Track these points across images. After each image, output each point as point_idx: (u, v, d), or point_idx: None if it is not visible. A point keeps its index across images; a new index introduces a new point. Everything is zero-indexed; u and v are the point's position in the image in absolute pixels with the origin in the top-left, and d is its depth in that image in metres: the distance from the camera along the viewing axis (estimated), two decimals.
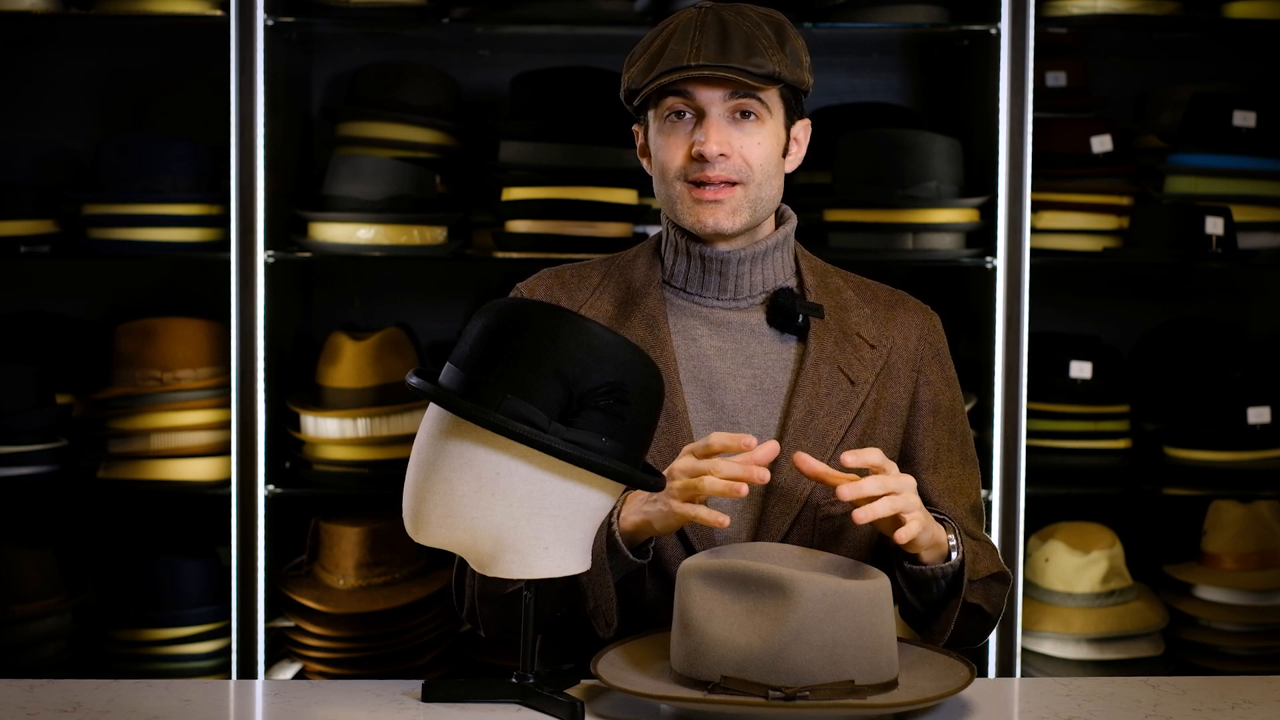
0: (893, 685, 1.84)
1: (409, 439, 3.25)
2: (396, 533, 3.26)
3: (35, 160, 3.45)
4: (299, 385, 3.50)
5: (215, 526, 3.42)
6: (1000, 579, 2.18)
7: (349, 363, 3.34)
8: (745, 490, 1.94)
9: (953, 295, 3.53)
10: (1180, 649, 3.45)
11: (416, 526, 1.88)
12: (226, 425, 3.34)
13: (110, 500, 3.61)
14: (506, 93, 3.48)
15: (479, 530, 1.84)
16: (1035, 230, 3.41)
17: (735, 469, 1.94)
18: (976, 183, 3.40)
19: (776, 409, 2.16)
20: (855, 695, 1.79)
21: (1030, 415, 3.34)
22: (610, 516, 2.03)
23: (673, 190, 2.17)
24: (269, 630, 3.35)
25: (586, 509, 1.86)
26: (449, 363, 1.86)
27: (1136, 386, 3.59)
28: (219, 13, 3.29)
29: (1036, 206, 3.41)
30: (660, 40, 2.15)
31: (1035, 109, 3.30)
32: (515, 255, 3.33)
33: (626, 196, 3.35)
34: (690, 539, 2.11)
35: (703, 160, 2.13)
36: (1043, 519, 3.50)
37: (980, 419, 3.34)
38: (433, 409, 1.87)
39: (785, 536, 2.12)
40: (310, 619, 3.31)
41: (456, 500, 1.83)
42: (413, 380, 1.87)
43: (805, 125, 2.24)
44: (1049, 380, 3.46)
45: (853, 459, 1.96)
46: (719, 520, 1.94)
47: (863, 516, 1.93)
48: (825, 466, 1.98)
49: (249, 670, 3.31)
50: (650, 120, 2.20)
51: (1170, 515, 3.65)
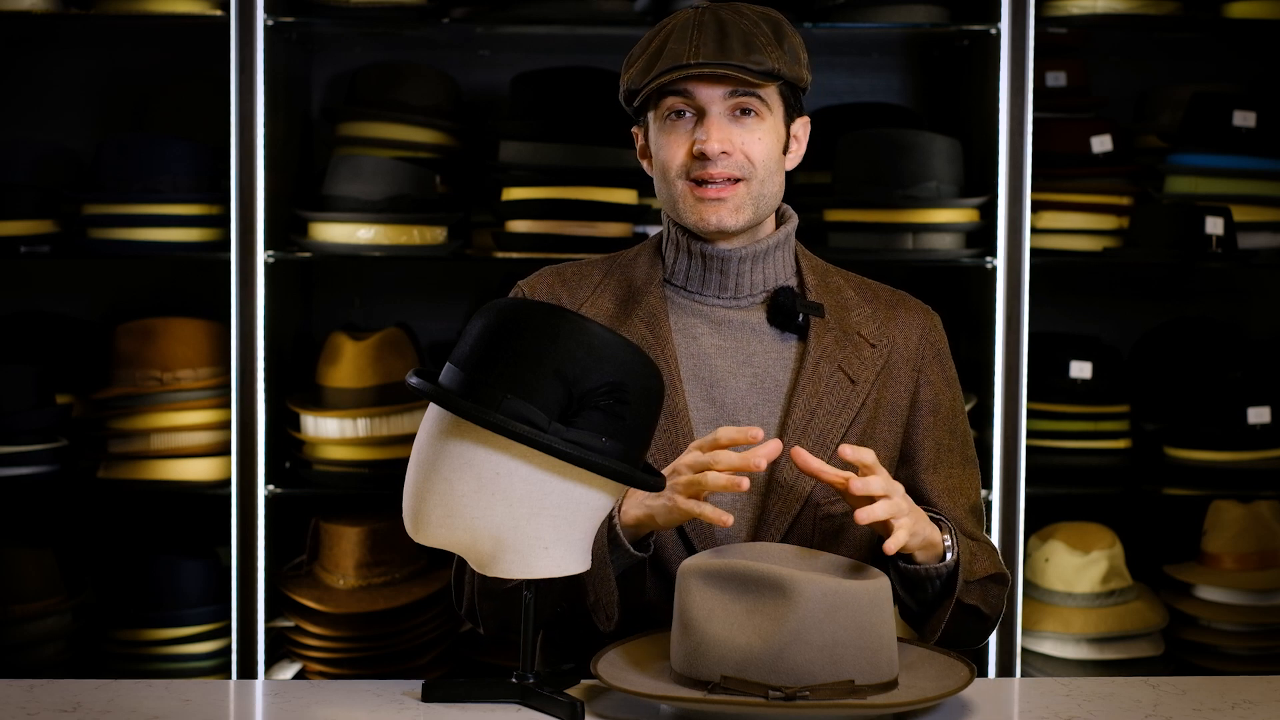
0: (893, 685, 1.84)
1: (409, 439, 3.25)
2: (396, 533, 3.26)
3: (35, 160, 3.45)
4: (299, 385, 3.50)
5: (215, 526, 3.42)
6: (998, 580, 2.18)
7: (349, 363, 3.34)
8: (747, 484, 1.94)
9: (953, 295, 3.53)
10: (1180, 649, 3.45)
11: (416, 526, 1.88)
12: (226, 425, 3.34)
13: (110, 500, 3.61)
14: (506, 93, 3.48)
15: (479, 530, 1.84)
16: (1035, 230, 3.41)
17: (734, 459, 1.95)
18: (976, 183, 3.40)
19: (777, 408, 2.16)
20: (855, 695, 1.79)
21: (1030, 415, 3.34)
22: (611, 510, 2.03)
23: (674, 189, 2.17)
24: (269, 630, 3.35)
25: (586, 509, 1.86)
26: (449, 363, 1.86)
27: (1136, 386, 3.59)
28: (219, 13, 3.29)
29: (1036, 206, 3.41)
30: (659, 41, 2.15)
31: (1035, 109, 3.30)
32: (515, 255, 3.33)
33: (626, 196, 3.35)
34: (690, 538, 2.12)
35: (704, 158, 2.13)
36: (1043, 519, 3.50)
37: (980, 419, 3.34)
38: (433, 409, 1.87)
39: (785, 535, 2.12)
40: (310, 619, 3.31)
41: (456, 500, 1.83)
42: (413, 380, 1.87)
43: (804, 123, 2.24)
44: (1049, 380, 3.46)
45: (850, 453, 1.97)
46: (723, 520, 1.95)
47: (864, 517, 1.93)
48: (821, 463, 1.98)
49: (249, 670, 3.31)
50: (650, 121, 2.20)
51: (1170, 515, 3.65)
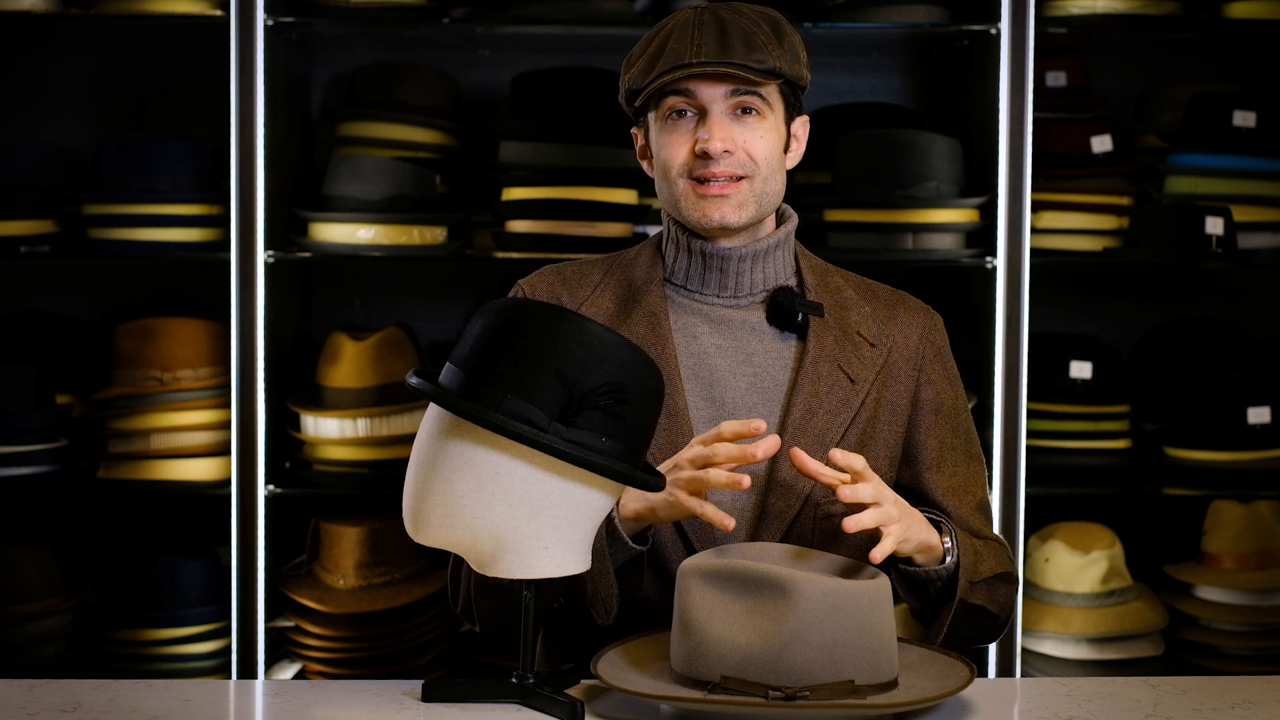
0: (893, 685, 1.84)
1: (409, 439, 3.25)
2: (396, 533, 3.26)
3: (35, 160, 3.45)
4: (299, 385, 3.49)
5: (215, 526, 3.42)
6: (1006, 579, 2.17)
7: (349, 363, 3.34)
8: (748, 483, 1.94)
9: (953, 295, 3.53)
10: (1180, 649, 3.45)
11: (416, 526, 1.87)
12: (226, 425, 3.34)
13: (110, 500, 3.61)
14: (506, 93, 3.48)
15: (479, 530, 1.84)
16: (1035, 230, 3.41)
17: (733, 450, 1.95)
18: (976, 183, 3.40)
19: (776, 407, 2.16)
20: (855, 695, 1.79)
21: (1030, 415, 3.34)
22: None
23: (676, 188, 2.17)
24: (269, 630, 3.35)
25: (586, 509, 1.86)
26: (449, 363, 1.86)
27: (1136, 386, 3.59)
28: (219, 13, 3.29)
29: (1036, 206, 3.41)
30: (659, 41, 2.15)
31: (1035, 109, 3.30)
32: (515, 255, 3.33)
33: (626, 196, 3.35)
34: (690, 538, 2.12)
35: (707, 157, 2.13)
36: (1043, 519, 3.50)
37: (980, 419, 3.33)
38: (433, 409, 1.87)
39: (785, 534, 2.12)
40: (310, 619, 3.31)
41: (456, 500, 1.83)
42: (413, 380, 1.87)
43: (804, 122, 2.24)
44: (1049, 380, 3.46)
45: (841, 459, 1.97)
46: (726, 523, 1.95)
47: (852, 526, 1.93)
48: (819, 464, 1.97)
49: (249, 670, 3.31)
50: (651, 121, 2.20)
51: (1170, 515, 3.65)
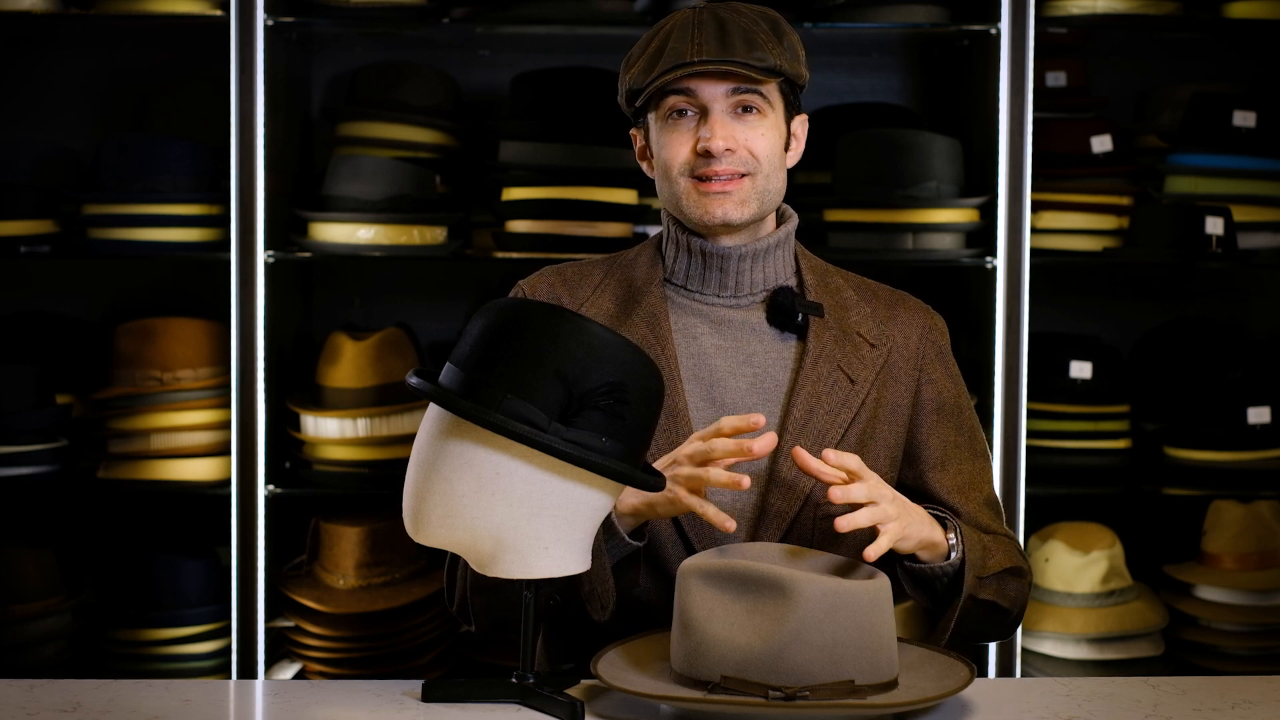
0: (893, 685, 1.84)
1: (409, 439, 3.25)
2: (396, 533, 3.26)
3: (35, 160, 3.45)
4: (299, 385, 3.49)
5: (215, 526, 3.42)
6: (1015, 573, 2.16)
7: (349, 363, 3.34)
8: (748, 483, 1.94)
9: (953, 295, 3.53)
10: (1180, 649, 3.45)
11: (416, 526, 1.87)
12: (226, 425, 3.34)
13: (110, 500, 3.61)
14: (506, 93, 3.48)
15: (479, 530, 1.84)
16: (1035, 230, 3.41)
17: (730, 446, 1.95)
18: (976, 183, 3.40)
19: (776, 407, 2.16)
20: (855, 695, 1.79)
21: (1030, 415, 3.34)
22: None
23: (677, 187, 2.17)
24: (269, 630, 3.35)
25: (586, 509, 1.86)
26: (449, 363, 1.86)
27: (1136, 386, 3.58)
28: (219, 13, 3.29)
29: (1036, 206, 3.41)
30: (658, 41, 2.16)
31: (1035, 109, 3.30)
32: (515, 255, 3.33)
33: (626, 196, 3.35)
34: (690, 538, 2.12)
35: (708, 156, 2.13)
36: (1043, 519, 3.50)
37: (980, 419, 3.31)
38: (433, 409, 1.87)
39: (785, 534, 2.12)
40: (310, 619, 3.31)
41: (456, 500, 1.83)
42: (413, 380, 1.87)
43: (803, 120, 2.24)
44: (1049, 380, 3.46)
45: (834, 458, 1.97)
46: (727, 525, 1.96)
47: (844, 525, 1.93)
48: (820, 463, 1.97)
49: (249, 670, 3.31)
50: (651, 122, 2.20)
51: (1170, 515, 3.65)
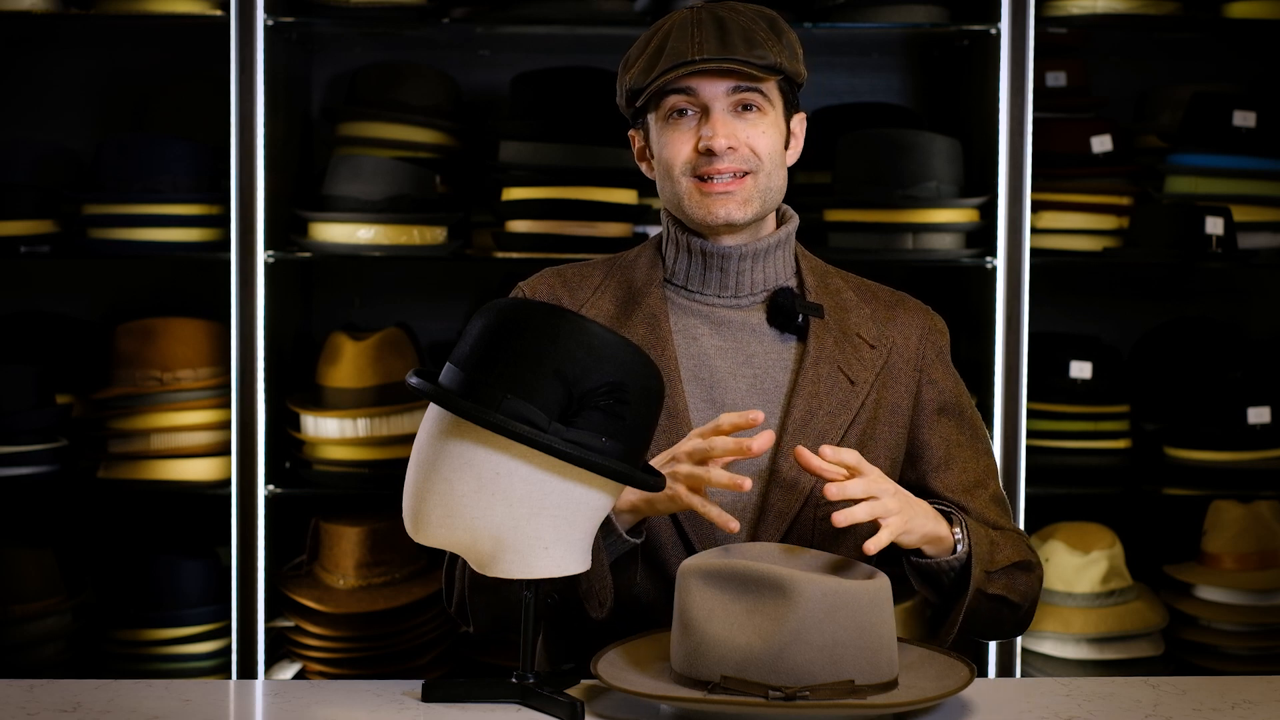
0: (893, 685, 1.84)
1: (409, 439, 3.25)
2: (396, 533, 3.26)
3: (35, 160, 3.45)
4: (299, 385, 3.49)
5: (215, 526, 3.42)
6: (1024, 567, 2.16)
7: (349, 363, 3.34)
8: (749, 484, 1.94)
9: (953, 295, 3.53)
10: (1180, 649, 3.45)
11: (416, 526, 1.87)
12: (226, 425, 3.34)
13: (110, 500, 3.61)
14: (506, 93, 3.48)
15: (479, 530, 1.84)
16: (1035, 230, 3.41)
17: (729, 444, 1.95)
18: (976, 183, 3.40)
19: (776, 408, 2.16)
20: (855, 695, 1.79)
21: (1030, 415, 3.34)
22: None
23: (679, 186, 2.17)
24: (269, 630, 3.35)
25: (586, 509, 1.86)
26: (449, 363, 1.86)
27: (1136, 386, 3.58)
28: (219, 13, 3.29)
29: (1036, 206, 3.41)
30: (657, 41, 2.16)
31: (1035, 109, 3.30)
32: (515, 255, 3.33)
33: (626, 196, 3.35)
34: (690, 538, 2.12)
35: (710, 155, 2.13)
36: (1043, 519, 3.50)
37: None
38: (433, 409, 1.87)
39: (786, 533, 2.12)
40: (310, 619, 3.31)
41: (456, 500, 1.83)
42: (413, 380, 1.87)
43: (802, 119, 2.25)
44: (1049, 380, 3.46)
45: (830, 454, 1.96)
46: (730, 525, 1.96)
47: (841, 520, 1.93)
48: (822, 462, 1.97)
49: (249, 670, 3.31)
50: (651, 122, 2.20)
51: (1170, 515, 3.65)
